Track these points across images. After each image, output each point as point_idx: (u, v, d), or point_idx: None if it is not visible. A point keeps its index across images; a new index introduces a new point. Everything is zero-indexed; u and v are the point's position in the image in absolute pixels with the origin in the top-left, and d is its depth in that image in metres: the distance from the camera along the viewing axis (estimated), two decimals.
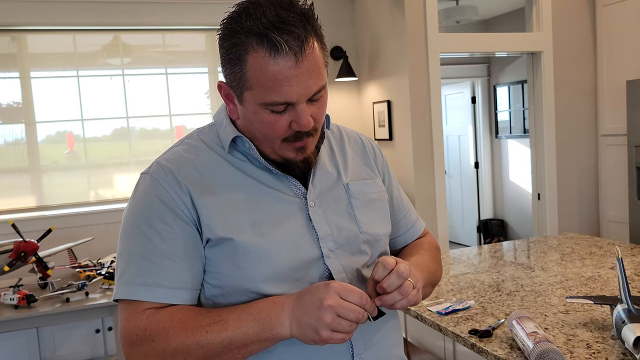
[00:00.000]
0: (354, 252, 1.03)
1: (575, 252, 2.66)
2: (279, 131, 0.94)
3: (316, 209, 1.01)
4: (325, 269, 0.99)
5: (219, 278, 0.95)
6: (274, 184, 1.00)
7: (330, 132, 1.15)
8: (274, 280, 0.95)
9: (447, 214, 4.16)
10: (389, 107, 4.17)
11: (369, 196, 1.10)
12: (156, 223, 0.93)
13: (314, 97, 0.93)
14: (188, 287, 0.94)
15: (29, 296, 2.73)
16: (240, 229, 0.94)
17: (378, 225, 1.09)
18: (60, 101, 3.97)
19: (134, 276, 0.93)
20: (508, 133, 6.40)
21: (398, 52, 3.98)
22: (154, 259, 0.92)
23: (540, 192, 4.36)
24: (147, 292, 0.92)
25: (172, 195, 0.94)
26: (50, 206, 3.86)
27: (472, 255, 2.81)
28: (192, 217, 0.94)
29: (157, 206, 0.94)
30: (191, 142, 1.04)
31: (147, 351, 0.89)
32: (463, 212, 6.90)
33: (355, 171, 1.12)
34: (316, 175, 1.04)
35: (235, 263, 0.94)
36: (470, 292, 2.14)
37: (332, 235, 1.00)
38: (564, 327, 1.71)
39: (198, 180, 0.97)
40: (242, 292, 0.94)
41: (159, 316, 0.91)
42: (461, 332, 1.73)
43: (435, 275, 1.16)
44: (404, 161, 4.05)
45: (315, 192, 1.02)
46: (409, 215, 1.24)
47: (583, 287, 2.10)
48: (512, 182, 6.44)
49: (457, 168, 6.96)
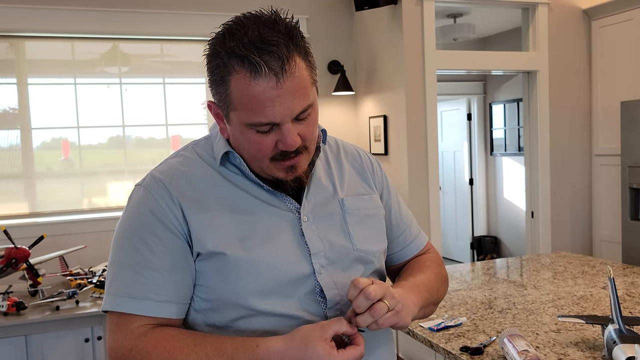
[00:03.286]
0: (346, 268, 1.02)
1: (568, 270, 2.67)
2: (265, 151, 0.93)
3: (309, 224, 1.00)
4: (317, 284, 0.98)
5: (209, 292, 0.95)
6: (267, 197, 1.00)
7: (327, 145, 1.14)
8: (263, 295, 0.94)
9: (441, 230, 4.16)
10: (385, 122, 4.19)
11: (364, 212, 1.09)
12: (146, 235, 0.93)
13: (300, 117, 0.92)
14: (175, 301, 0.93)
15: (18, 303, 2.71)
16: (230, 243, 0.94)
17: (372, 242, 1.08)
18: (56, 108, 3.96)
19: (121, 288, 0.92)
20: (503, 150, 6.43)
21: (395, 68, 4.01)
22: (142, 271, 0.92)
23: (534, 210, 4.37)
24: (134, 305, 0.91)
25: (164, 208, 0.94)
26: (43, 213, 3.84)
27: (465, 271, 2.81)
28: (183, 230, 0.94)
29: (148, 219, 0.94)
30: (186, 154, 1.04)
31: None
32: (457, 228, 6.90)
33: (352, 186, 1.11)
34: (311, 189, 1.04)
35: (224, 277, 0.93)
36: (462, 308, 2.13)
37: (324, 251, 1.00)
38: (555, 346, 1.70)
39: (190, 193, 0.96)
40: (231, 306, 0.94)
41: (145, 340, 0.90)
42: (452, 349, 1.73)
43: (438, 294, 1.13)
44: (399, 176, 4.06)
45: (309, 207, 1.02)
46: (409, 230, 1.21)
47: (575, 306, 2.10)
48: (506, 200, 6.46)
49: (452, 184, 6.97)
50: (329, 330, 0.86)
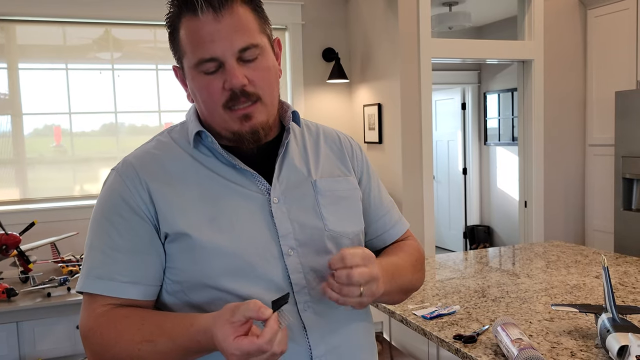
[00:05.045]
0: (319, 250, 1.01)
1: (561, 260, 2.67)
2: (215, 94, 0.95)
3: (280, 205, 1.00)
4: (285, 267, 0.97)
5: (178, 274, 0.95)
6: (238, 179, 1.00)
7: (307, 130, 1.14)
8: (232, 277, 0.94)
9: (434, 219, 4.17)
10: (379, 111, 4.17)
11: (338, 193, 1.07)
12: (114, 218, 0.96)
13: (244, 56, 0.95)
14: (141, 282, 0.94)
15: (9, 290, 2.69)
16: (197, 224, 0.94)
17: (346, 223, 1.06)
18: (48, 94, 3.92)
19: (90, 269, 0.95)
20: (497, 140, 6.44)
21: (390, 56, 3.98)
22: (109, 252, 0.94)
23: (527, 199, 4.37)
24: (100, 285, 0.93)
25: (132, 191, 0.96)
26: (35, 199, 3.81)
27: (458, 260, 2.81)
28: (150, 212, 0.95)
29: (116, 202, 0.96)
30: (161, 138, 1.06)
31: (92, 352, 0.93)
32: (450, 217, 6.92)
33: (327, 168, 1.10)
34: (283, 171, 1.03)
35: (192, 259, 0.94)
36: (455, 297, 2.13)
37: (293, 233, 0.99)
38: (548, 335, 1.71)
39: (160, 175, 0.98)
40: (201, 288, 0.94)
41: (102, 320, 0.92)
42: (446, 337, 1.73)
43: (411, 282, 1.12)
44: (393, 165, 4.05)
45: (280, 189, 1.01)
46: (389, 215, 1.19)
47: (568, 295, 2.10)
48: (499, 189, 6.47)
49: (446, 173, 6.98)
50: (237, 313, 0.81)
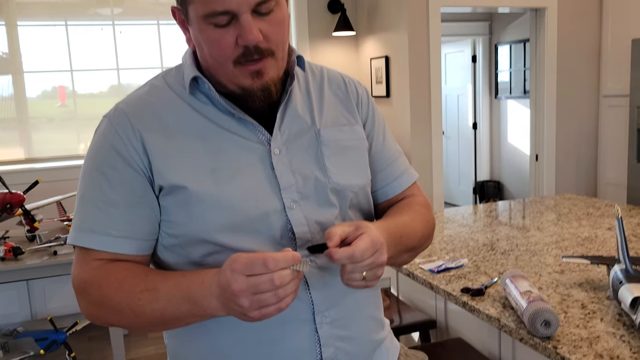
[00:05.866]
0: (322, 203, 0.96)
1: (572, 212, 2.62)
2: (226, 50, 0.87)
3: (281, 157, 0.94)
4: (287, 220, 0.92)
5: (174, 227, 0.91)
6: (237, 129, 0.93)
7: (310, 74, 1.06)
8: (230, 231, 0.89)
9: (443, 175, 4.11)
10: (387, 64, 4.06)
11: (343, 144, 1.01)
12: (106, 169, 0.90)
13: (260, 9, 0.86)
14: (135, 237, 0.90)
15: (15, 248, 2.69)
16: (194, 176, 0.89)
17: (351, 176, 1.00)
18: (48, 52, 3.85)
19: (83, 222, 0.91)
20: (508, 93, 6.30)
21: (397, 6, 3.85)
22: (102, 206, 0.90)
23: (538, 153, 4.29)
24: (93, 239, 0.90)
25: (124, 141, 0.90)
26: (39, 159, 3.79)
27: (466, 214, 2.77)
28: (143, 164, 0.90)
29: (108, 152, 0.91)
30: (155, 82, 0.98)
31: (87, 303, 0.91)
32: (459, 173, 6.85)
33: (332, 116, 1.03)
34: (285, 120, 0.97)
35: (189, 212, 0.89)
36: (463, 250, 2.09)
37: (296, 186, 0.94)
38: (558, 287, 1.67)
39: (155, 124, 0.91)
40: (198, 242, 0.90)
41: (100, 272, 0.89)
42: (453, 290, 1.69)
43: (420, 243, 1.06)
44: (401, 119, 3.96)
45: (281, 139, 0.95)
46: (394, 165, 1.11)
47: (579, 248, 2.05)
48: (510, 144, 6.37)
49: (455, 128, 6.87)
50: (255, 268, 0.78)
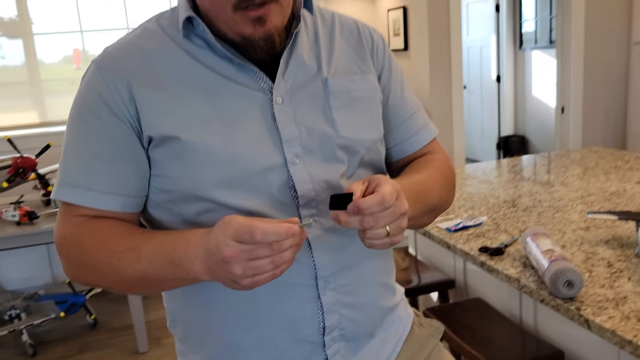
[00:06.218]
0: (328, 159, 0.87)
1: (600, 166, 2.49)
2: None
3: (284, 106, 0.85)
4: (289, 177, 0.84)
5: (166, 182, 0.83)
6: (236, 75, 0.84)
7: (321, 19, 0.96)
8: (226, 187, 0.81)
9: (463, 130, 3.98)
10: (404, 15, 3.90)
11: (353, 94, 0.92)
12: (91, 119, 0.83)
13: None
14: (121, 193, 0.83)
15: (30, 213, 2.68)
16: (187, 126, 0.81)
17: (362, 130, 0.91)
18: (58, 13, 3.78)
19: (66, 175, 0.84)
20: (533, 44, 6.05)
21: None
22: (86, 158, 0.83)
23: (564, 105, 4.12)
24: (75, 195, 0.83)
25: (110, 88, 0.82)
26: (53, 122, 3.76)
27: (487, 170, 2.66)
28: (130, 113, 0.82)
29: (94, 100, 0.83)
30: (147, 25, 0.89)
31: (67, 261, 0.85)
32: (482, 128, 6.67)
33: (342, 65, 0.93)
34: (289, 66, 0.88)
35: (181, 165, 0.81)
36: (483, 208, 2.00)
37: (299, 139, 0.85)
38: (583, 245, 1.58)
39: (144, 69, 0.83)
40: (192, 199, 0.82)
41: (82, 229, 0.83)
42: (471, 249, 1.62)
43: (440, 202, 0.97)
44: (420, 73, 3.82)
45: (285, 87, 0.86)
46: (413, 120, 1.02)
47: (606, 203, 1.95)
48: (534, 97, 6.16)
49: (478, 82, 6.66)
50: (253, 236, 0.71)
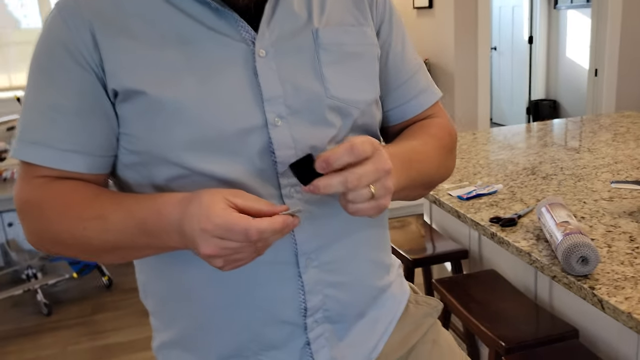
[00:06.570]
0: (316, 121, 0.77)
1: (631, 131, 2.33)
2: None
3: (267, 60, 0.75)
4: (269, 140, 0.74)
5: (133, 142, 0.74)
6: (214, 23, 0.74)
7: None
8: (198, 151, 0.72)
9: (489, 94, 3.80)
10: None
11: (347, 48, 0.81)
12: (52, 68, 0.73)
13: None
14: (86, 152, 0.74)
15: None
16: (155, 78, 0.71)
17: (355, 89, 0.81)
18: None
19: (25, 131, 0.75)
20: (569, 3, 5.74)
21: None
22: (46, 112, 0.74)
23: (598, 67, 3.90)
24: (35, 153, 0.74)
25: (73, 32, 0.72)
26: None
27: (510, 134, 2.52)
28: (94, 61, 0.72)
29: (54, 47, 0.73)
30: None
31: (28, 229, 0.76)
32: (512, 91, 6.43)
33: (336, 14, 0.82)
34: (275, 15, 0.77)
35: (150, 123, 0.72)
36: (500, 175, 1.88)
37: (284, 97, 0.75)
38: (604, 217, 1.45)
39: (110, 13, 0.73)
40: (161, 162, 0.73)
41: (43, 192, 0.74)
42: (481, 219, 1.51)
43: (438, 172, 0.87)
44: (444, 33, 3.64)
45: (270, 38, 0.75)
46: (414, 80, 0.91)
47: (634, 172, 1.81)
48: (568, 59, 5.88)
49: (509, 43, 6.39)
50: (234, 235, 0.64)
